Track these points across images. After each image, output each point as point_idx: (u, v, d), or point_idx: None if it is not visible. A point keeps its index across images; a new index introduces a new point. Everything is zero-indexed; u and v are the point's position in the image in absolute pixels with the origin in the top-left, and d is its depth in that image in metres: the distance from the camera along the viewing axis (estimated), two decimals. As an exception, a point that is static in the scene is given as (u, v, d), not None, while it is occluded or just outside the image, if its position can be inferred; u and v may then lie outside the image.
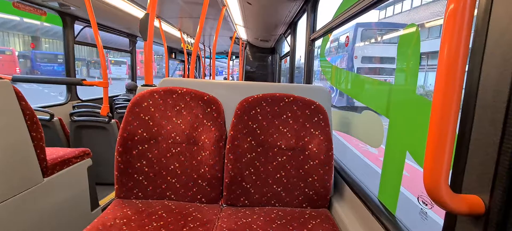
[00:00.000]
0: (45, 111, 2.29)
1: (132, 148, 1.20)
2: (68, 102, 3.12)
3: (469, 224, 0.52)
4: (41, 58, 17.77)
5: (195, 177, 1.22)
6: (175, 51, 7.56)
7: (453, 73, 0.43)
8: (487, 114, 0.49)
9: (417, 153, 0.91)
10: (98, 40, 2.36)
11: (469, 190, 0.52)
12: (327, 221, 1.11)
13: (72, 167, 1.57)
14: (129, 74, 4.91)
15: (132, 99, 1.24)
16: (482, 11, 0.51)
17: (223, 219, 1.10)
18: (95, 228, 0.97)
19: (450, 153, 0.45)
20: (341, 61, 9.38)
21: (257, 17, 3.44)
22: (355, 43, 8.89)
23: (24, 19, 17.09)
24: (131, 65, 4.71)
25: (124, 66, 21.55)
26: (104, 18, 3.32)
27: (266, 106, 1.25)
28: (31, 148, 1.30)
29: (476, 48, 0.52)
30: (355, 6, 1.33)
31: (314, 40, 2.30)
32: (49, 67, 17.64)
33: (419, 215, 1.00)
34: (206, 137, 1.23)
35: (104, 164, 2.32)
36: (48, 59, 17.95)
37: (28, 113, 1.29)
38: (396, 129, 1.04)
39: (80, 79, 2.27)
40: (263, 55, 6.25)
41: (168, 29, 4.43)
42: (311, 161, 1.21)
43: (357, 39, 8.85)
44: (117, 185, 1.20)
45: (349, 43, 8.99)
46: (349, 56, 9.07)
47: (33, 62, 17.38)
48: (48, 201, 1.38)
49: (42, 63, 17.61)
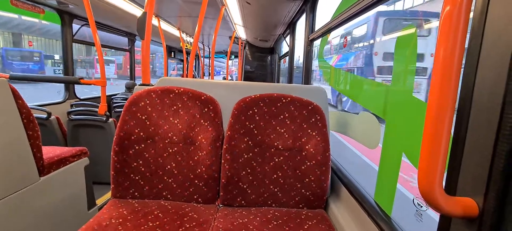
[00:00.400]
0: (42, 109, 2.28)
1: (129, 147, 1.19)
2: (66, 101, 3.11)
3: (463, 227, 0.52)
4: (13, 56, 15.74)
5: (192, 177, 1.22)
6: (174, 50, 7.55)
7: (448, 75, 0.43)
8: (482, 117, 0.49)
9: (413, 154, 0.91)
10: (96, 39, 2.35)
11: (463, 193, 0.52)
12: (323, 222, 1.11)
13: (69, 166, 1.56)
14: (118, 74, 4.90)
15: (129, 98, 1.23)
16: (478, 13, 0.51)
17: (219, 219, 1.10)
18: (91, 228, 0.96)
19: (445, 155, 0.45)
20: (355, 59, 7.68)
21: (256, 17, 3.43)
22: (375, 37, 6.93)
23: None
24: (130, 64, 4.69)
25: (113, 66, 20.48)
26: (102, 17, 3.32)
27: (264, 107, 1.24)
28: (28, 147, 1.29)
29: (472, 50, 0.52)
30: (354, 6, 1.32)
31: (313, 40, 2.30)
32: (23, 66, 15.78)
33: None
34: (203, 137, 1.23)
35: (101, 163, 2.31)
36: (21, 57, 16.08)
37: (25, 111, 1.28)
38: (392, 131, 1.04)
39: (78, 78, 2.26)
40: (262, 55, 6.25)
41: (167, 28, 4.42)
42: (308, 161, 1.21)
43: (378, 31, 6.89)
44: (113, 184, 1.19)
45: (367, 36, 7.14)
46: (366, 54, 7.09)
47: (4, 60, 15.22)
48: (44, 200, 1.38)
49: (14, 61, 15.61)
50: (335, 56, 9.16)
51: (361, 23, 7.45)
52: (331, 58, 9.20)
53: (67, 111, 2.38)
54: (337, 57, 9.04)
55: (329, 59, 9.19)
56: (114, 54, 21.63)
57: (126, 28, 4.08)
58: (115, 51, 20.98)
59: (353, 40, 7.96)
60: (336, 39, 9.31)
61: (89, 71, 20.61)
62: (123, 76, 20.13)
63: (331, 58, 9.21)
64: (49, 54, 18.93)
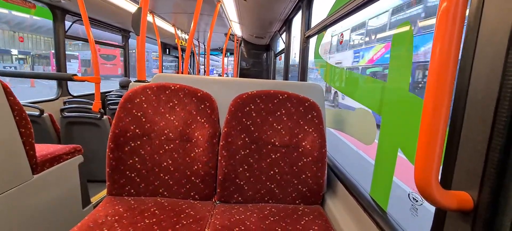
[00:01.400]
0: (35, 107, 2.24)
1: (124, 144, 1.18)
2: (59, 98, 3.06)
3: (458, 220, 0.53)
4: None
5: (188, 174, 1.21)
6: (169, 47, 7.48)
7: (444, 71, 0.44)
8: (477, 112, 0.50)
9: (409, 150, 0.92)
10: (90, 35, 2.31)
11: (458, 186, 0.53)
12: (320, 217, 1.12)
13: (63, 164, 1.54)
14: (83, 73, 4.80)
15: (124, 95, 1.22)
16: (474, 9, 0.51)
17: (216, 216, 1.10)
18: (86, 226, 0.95)
19: (441, 150, 0.46)
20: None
21: (252, 13, 3.42)
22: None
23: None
24: (124, 61, 4.63)
25: (75, 62, 18.96)
26: (96, 12, 3.26)
27: (260, 103, 1.24)
28: (20, 144, 1.27)
29: (468, 46, 0.52)
30: (350, 3, 1.33)
31: (309, 37, 2.30)
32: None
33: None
34: (200, 133, 1.22)
35: (96, 161, 2.29)
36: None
37: (17, 109, 1.25)
38: (388, 126, 1.05)
39: (71, 75, 2.23)
40: (258, 52, 6.24)
41: (162, 24, 4.37)
42: (304, 158, 1.22)
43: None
44: (108, 182, 1.18)
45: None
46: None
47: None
48: (38, 199, 1.36)
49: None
50: (379, 46, 6.15)
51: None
52: (370, 49, 6.58)
53: (60, 108, 2.34)
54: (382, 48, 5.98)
55: (367, 50, 6.70)
56: (81, 49, 19.35)
57: (120, 24, 4.02)
58: (81, 46, 18.82)
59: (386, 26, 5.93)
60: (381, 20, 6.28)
61: (46, 69, 18.89)
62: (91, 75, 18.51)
63: (369, 49, 6.64)
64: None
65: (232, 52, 8.21)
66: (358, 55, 7.15)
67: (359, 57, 7.00)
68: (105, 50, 19.46)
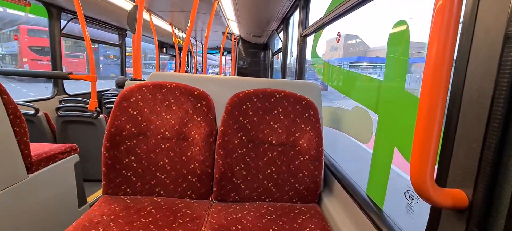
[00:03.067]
0: (30, 106, 2.22)
1: (120, 143, 1.17)
2: (55, 96, 3.03)
3: (453, 218, 0.54)
4: None
5: (185, 172, 1.21)
6: (166, 46, 7.44)
7: (440, 70, 0.44)
8: (472, 111, 0.50)
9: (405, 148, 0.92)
10: (86, 33, 2.29)
11: (453, 185, 0.54)
12: (316, 216, 1.12)
13: (58, 163, 1.53)
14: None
15: (120, 93, 1.21)
16: (470, 8, 0.51)
17: (213, 215, 1.09)
18: (81, 225, 0.94)
19: (436, 149, 0.46)
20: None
21: (250, 12, 3.41)
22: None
23: None
24: (120, 60, 4.60)
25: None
26: (92, 10, 3.23)
27: (257, 102, 1.24)
28: (15, 144, 1.25)
29: (463, 45, 0.53)
30: (346, 1, 1.33)
31: (306, 36, 2.30)
32: None
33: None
34: (196, 132, 1.22)
35: (92, 160, 2.27)
36: None
37: (11, 107, 1.24)
38: (384, 125, 1.06)
39: (67, 73, 2.20)
40: (256, 51, 6.23)
41: (158, 23, 4.34)
42: (301, 156, 1.22)
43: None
44: (104, 181, 1.17)
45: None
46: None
47: None
48: (33, 198, 1.34)
49: None
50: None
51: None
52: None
53: (55, 107, 2.32)
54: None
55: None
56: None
57: (116, 22, 3.98)
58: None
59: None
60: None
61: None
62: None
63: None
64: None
65: (229, 51, 8.19)
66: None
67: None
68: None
